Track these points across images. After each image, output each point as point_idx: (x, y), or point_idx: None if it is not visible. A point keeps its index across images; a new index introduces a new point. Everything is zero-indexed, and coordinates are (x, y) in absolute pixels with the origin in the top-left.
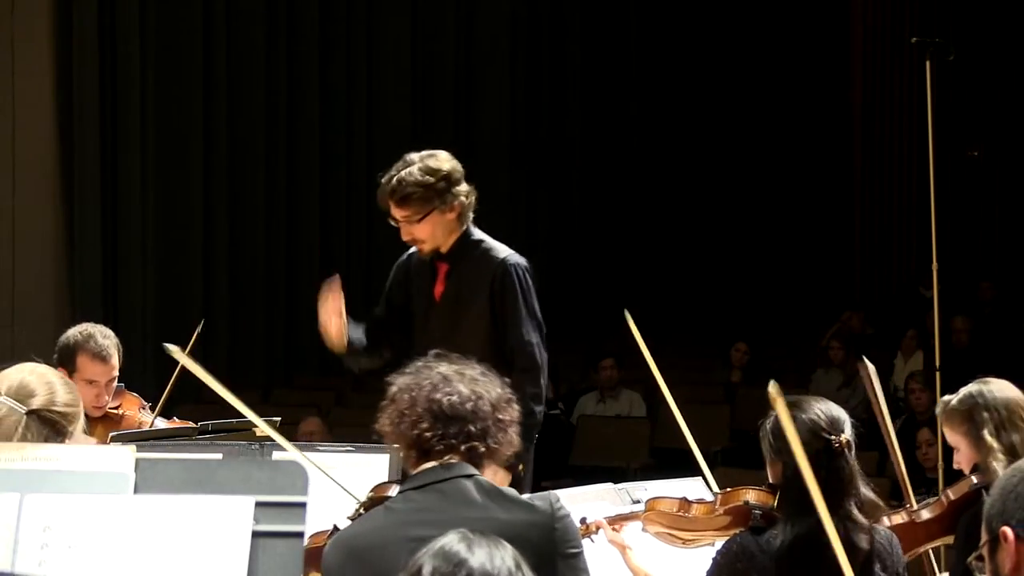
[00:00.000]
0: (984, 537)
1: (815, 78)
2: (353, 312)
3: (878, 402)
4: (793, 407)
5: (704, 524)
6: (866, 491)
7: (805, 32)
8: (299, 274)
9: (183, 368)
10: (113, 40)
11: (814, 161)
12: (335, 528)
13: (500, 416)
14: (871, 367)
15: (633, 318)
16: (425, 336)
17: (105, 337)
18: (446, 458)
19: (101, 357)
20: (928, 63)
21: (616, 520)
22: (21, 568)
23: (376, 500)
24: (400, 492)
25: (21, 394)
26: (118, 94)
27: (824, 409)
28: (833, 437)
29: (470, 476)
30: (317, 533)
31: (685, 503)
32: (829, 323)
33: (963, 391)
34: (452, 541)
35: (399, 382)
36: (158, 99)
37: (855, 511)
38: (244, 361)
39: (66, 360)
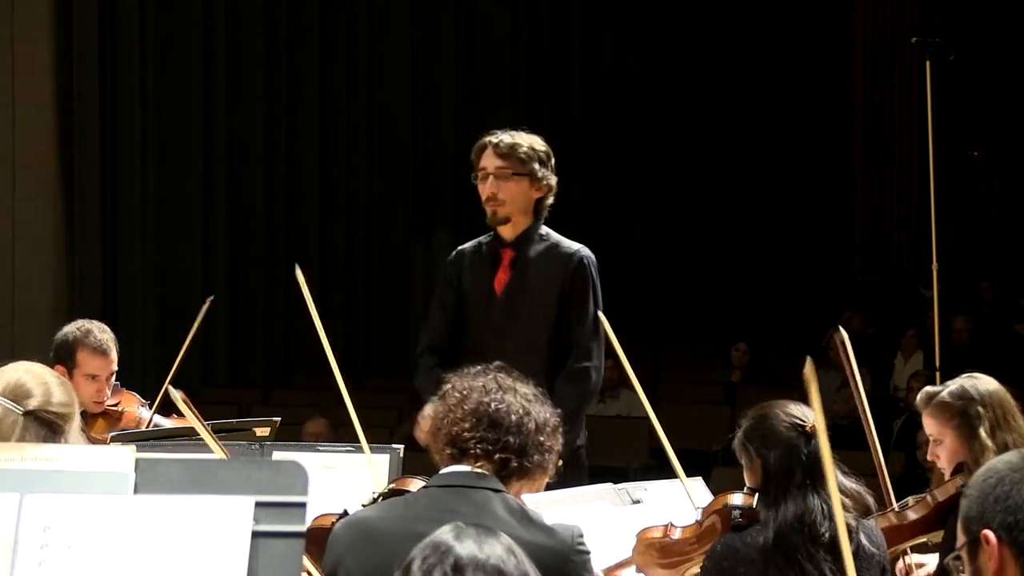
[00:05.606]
0: (962, 539)
1: (815, 78)
2: (361, 313)
3: (853, 374)
4: (762, 416)
5: (693, 538)
6: (847, 480)
7: (805, 32)
8: None
9: (181, 364)
10: (113, 39)
11: (814, 161)
12: (344, 512)
13: (542, 439)
14: (845, 335)
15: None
16: (483, 327)
17: (103, 331)
18: (478, 464)
19: (102, 351)
20: (928, 63)
21: (611, 571)
22: (21, 568)
23: (396, 491)
24: (425, 487)
25: (17, 394)
26: (118, 92)
27: (792, 405)
28: (807, 423)
29: (498, 491)
30: (322, 515)
31: (670, 527)
32: (829, 323)
33: (955, 384)
34: (442, 532)
35: (454, 381)
36: (158, 97)
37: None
38: (244, 361)
39: (65, 357)
